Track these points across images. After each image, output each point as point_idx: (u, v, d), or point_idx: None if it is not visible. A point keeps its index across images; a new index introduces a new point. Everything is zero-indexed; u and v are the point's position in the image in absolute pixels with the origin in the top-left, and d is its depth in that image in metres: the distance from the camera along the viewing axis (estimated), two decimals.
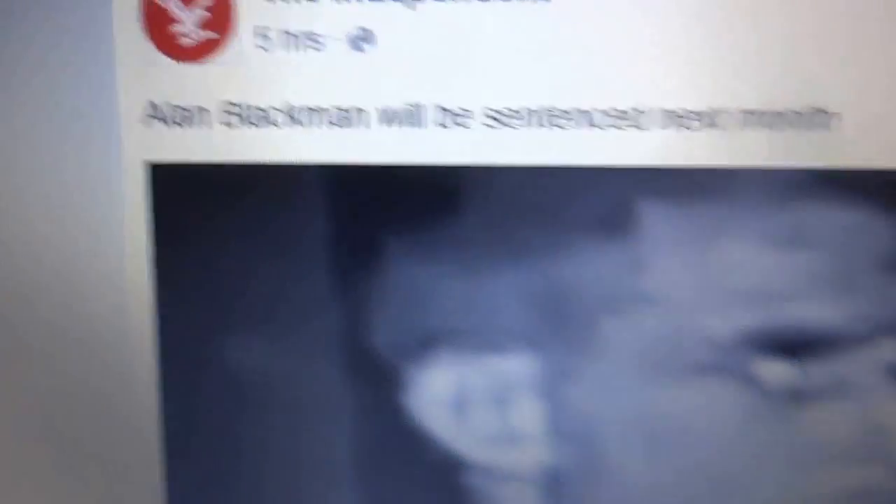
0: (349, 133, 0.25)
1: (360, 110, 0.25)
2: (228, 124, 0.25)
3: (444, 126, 0.25)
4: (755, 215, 0.26)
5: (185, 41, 0.25)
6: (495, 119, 0.25)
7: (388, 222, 0.26)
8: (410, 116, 0.25)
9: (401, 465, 0.27)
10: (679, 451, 0.27)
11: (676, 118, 0.24)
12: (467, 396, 0.27)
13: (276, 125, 0.25)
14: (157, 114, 0.25)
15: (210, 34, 0.25)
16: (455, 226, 0.26)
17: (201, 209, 0.26)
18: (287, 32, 0.25)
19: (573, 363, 0.27)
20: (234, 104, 0.25)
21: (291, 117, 0.25)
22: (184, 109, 0.25)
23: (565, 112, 0.25)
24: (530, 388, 0.27)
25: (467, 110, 0.25)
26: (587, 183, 0.25)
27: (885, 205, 0.25)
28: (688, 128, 0.24)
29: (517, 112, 0.25)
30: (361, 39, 0.24)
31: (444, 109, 0.25)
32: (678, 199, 0.26)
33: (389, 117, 0.25)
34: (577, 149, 0.25)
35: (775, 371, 0.27)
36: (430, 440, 0.27)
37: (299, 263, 0.26)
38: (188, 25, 0.25)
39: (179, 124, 0.25)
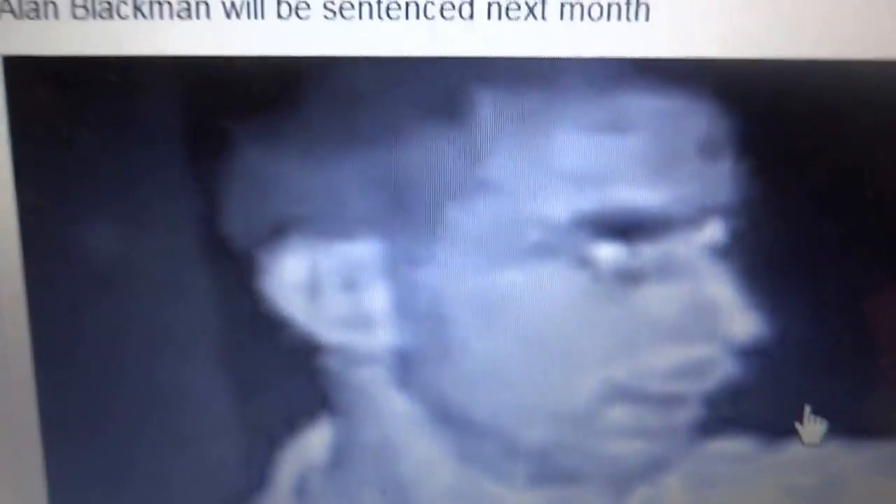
0: (193, 25, 0.26)
1: (200, 2, 0.26)
2: (77, 17, 0.26)
3: (284, 18, 0.26)
4: (583, 103, 0.27)
5: None
6: (332, 11, 0.26)
7: (234, 113, 0.27)
8: (251, 8, 0.26)
9: (258, 348, 0.29)
10: (518, 330, 0.29)
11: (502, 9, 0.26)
12: (319, 281, 0.28)
13: (123, 18, 0.26)
14: (5, 6, 0.26)
15: None
16: (299, 116, 0.27)
17: (55, 101, 0.27)
18: None
19: (418, 248, 0.28)
20: None
21: (137, 9, 0.26)
22: (32, 1, 0.26)
23: (397, 4, 0.26)
24: (378, 271, 0.28)
25: (305, 2, 0.26)
26: (423, 73, 0.27)
27: (700, 93, 0.27)
28: (513, 18, 0.26)
29: (353, 4, 0.26)
30: None
31: (284, 1, 0.26)
32: (510, 88, 0.27)
33: (230, 9, 0.26)
34: (412, 40, 0.26)
35: (607, 252, 0.28)
36: (285, 324, 0.29)
37: (151, 153, 0.27)
38: None
39: (30, 17, 0.26)
